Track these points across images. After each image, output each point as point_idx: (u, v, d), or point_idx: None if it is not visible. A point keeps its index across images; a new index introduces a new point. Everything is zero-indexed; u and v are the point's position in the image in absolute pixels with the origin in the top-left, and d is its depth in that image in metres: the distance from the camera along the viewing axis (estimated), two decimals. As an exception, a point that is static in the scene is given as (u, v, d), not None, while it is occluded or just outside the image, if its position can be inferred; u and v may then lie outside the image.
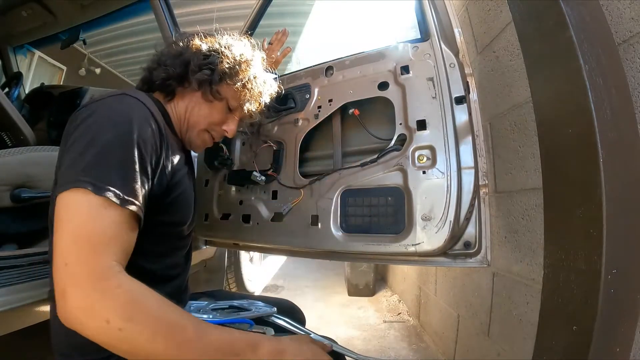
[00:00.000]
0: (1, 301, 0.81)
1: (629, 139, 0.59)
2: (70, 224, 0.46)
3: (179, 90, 0.76)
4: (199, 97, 0.75)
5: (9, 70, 2.18)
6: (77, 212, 0.47)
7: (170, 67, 0.73)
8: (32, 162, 1.05)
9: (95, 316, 0.41)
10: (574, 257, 0.58)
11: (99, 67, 4.18)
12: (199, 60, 0.73)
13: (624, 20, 0.71)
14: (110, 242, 0.47)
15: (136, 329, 0.42)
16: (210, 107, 0.77)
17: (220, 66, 0.73)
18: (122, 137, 0.53)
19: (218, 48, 0.76)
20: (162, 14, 1.50)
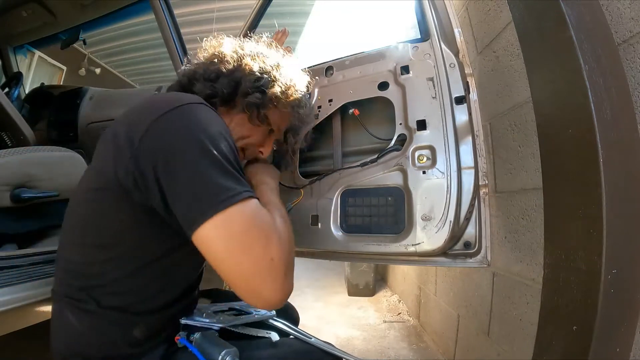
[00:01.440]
0: (1, 301, 0.81)
1: (629, 139, 0.59)
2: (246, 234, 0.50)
3: (221, 109, 0.72)
4: (244, 119, 0.72)
5: (9, 70, 2.18)
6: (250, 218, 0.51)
7: (219, 85, 0.70)
8: (32, 162, 1.05)
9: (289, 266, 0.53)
10: (574, 257, 0.58)
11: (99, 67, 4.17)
12: (250, 83, 0.70)
13: (624, 20, 0.71)
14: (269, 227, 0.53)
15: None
16: (253, 129, 0.74)
17: (271, 90, 0.71)
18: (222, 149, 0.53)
19: (270, 70, 0.73)
20: (162, 14, 1.50)
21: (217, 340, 0.63)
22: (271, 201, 0.66)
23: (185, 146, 0.51)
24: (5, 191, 0.99)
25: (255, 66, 0.72)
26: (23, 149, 1.06)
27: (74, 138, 1.83)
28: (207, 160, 0.51)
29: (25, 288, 0.86)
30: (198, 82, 0.71)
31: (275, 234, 0.52)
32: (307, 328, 0.85)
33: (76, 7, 1.88)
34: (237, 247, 0.49)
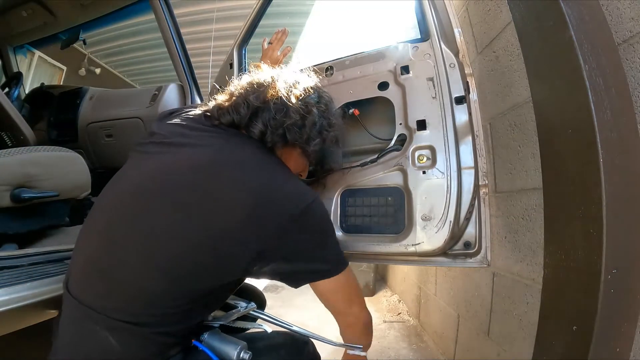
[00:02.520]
0: (1, 301, 0.81)
1: (629, 139, 0.59)
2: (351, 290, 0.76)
3: (278, 145, 0.75)
4: (297, 154, 0.79)
5: (9, 70, 2.18)
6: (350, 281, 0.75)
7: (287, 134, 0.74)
8: (32, 162, 1.05)
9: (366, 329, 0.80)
10: (574, 257, 0.58)
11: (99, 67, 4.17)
12: (314, 131, 0.77)
13: (624, 20, 0.71)
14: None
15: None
16: (299, 161, 0.81)
17: (330, 138, 0.80)
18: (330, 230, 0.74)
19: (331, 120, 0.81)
20: (162, 14, 1.50)
21: (224, 337, 0.66)
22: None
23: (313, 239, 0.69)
24: (5, 191, 0.99)
25: (315, 115, 0.77)
26: (23, 149, 1.06)
27: (74, 138, 1.83)
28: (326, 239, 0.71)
29: (25, 288, 0.86)
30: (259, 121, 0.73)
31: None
32: (307, 328, 0.85)
33: (76, 7, 1.88)
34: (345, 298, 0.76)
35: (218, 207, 0.60)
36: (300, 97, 0.77)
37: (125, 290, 0.60)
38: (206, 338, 0.65)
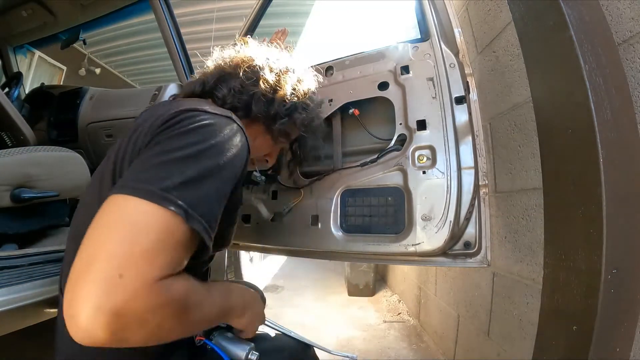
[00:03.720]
0: (1, 301, 0.81)
1: (629, 139, 0.59)
2: (134, 235, 0.39)
3: (244, 121, 0.70)
4: (261, 131, 0.74)
5: (9, 70, 2.18)
6: (156, 229, 0.41)
7: (252, 105, 0.70)
8: (32, 162, 1.05)
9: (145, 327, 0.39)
10: (574, 257, 0.58)
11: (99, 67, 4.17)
12: (282, 107, 0.72)
13: (624, 20, 0.71)
14: (177, 263, 0.43)
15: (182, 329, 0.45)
16: (265, 140, 0.76)
17: (300, 118, 0.74)
18: (227, 169, 0.50)
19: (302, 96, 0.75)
20: (162, 14, 1.50)
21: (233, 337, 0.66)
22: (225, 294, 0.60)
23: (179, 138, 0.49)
24: (5, 191, 0.99)
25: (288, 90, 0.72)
26: (23, 149, 1.06)
27: (74, 138, 1.83)
28: (184, 157, 0.46)
29: (25, 288, 0.86)
30: (223, 89, 0.69)
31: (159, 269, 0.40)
32: (307, 328, 0.86)
33: (76, 7, 1.88)
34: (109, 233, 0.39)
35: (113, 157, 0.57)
36: (275, 71, 0.73)
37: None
38: (217, 337, 0.65)
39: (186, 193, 0.44)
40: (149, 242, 0.40)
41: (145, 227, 0.40)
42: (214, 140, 0.50)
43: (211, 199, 0.47)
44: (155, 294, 0.39)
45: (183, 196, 0.43)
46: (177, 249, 0.43)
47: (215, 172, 0.48)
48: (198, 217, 0.44)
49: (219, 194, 0.49)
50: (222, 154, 0.50)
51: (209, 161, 0.48)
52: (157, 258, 0.40)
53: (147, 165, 0.46)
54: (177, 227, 0.42)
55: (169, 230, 0.41)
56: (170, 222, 0.42)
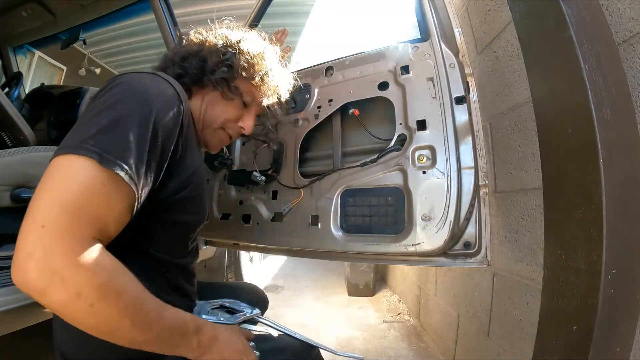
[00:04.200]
0: (1, 301, 0.81)
1: (629, 139, 0.59)
2: (62, 189, 0.43)
3: (194, 90, 0.73)
4: (216, 95, 0.73)
5: (9, 70, 2.18)
6: (74, 179, 0.43)
7: (187, 66, 0.71)
8: (32, 162, 1.05)
9: (65, 287, 0.39)
10: (574, 257, 0.58)
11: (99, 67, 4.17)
12: (216, 58, 0.71)
13: (624, 20, 0.71)
14: (102, 217, 0.44)
15: (107, 306, 0.42)
16: (226, 104, 0.74)
17: (237, 62, 0.72)
18: (143, 113, 0.50)
19: (233, 43, 0.74)
20: (162, 14, 1.50)
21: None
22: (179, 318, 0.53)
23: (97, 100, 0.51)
24: (5, 191, 0.99)
25: (219, 42, 0.73)
26: (23, 149, 1.06)
27: (74, 138, 1.83)
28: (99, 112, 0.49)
29: (25, 288, 0.86)
30: (169, 68, 0.72)
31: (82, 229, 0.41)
32: (307, 328, 0.86)
33: (76, 7, 1.88)
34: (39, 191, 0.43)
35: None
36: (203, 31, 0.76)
37: None
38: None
39: (100, 139, 0.46)
40: (70, 193, 0.42)
41: (68, 178, 0.43)
42: (130, 90, 0.52)
43: (128, 142, 0.47)
44: (74, 250, 0.40)
45: (97, 142, 0.45)
46: (100, 198, 0.44)
47: (131, 117, 0.49)
48: (113, 159, 0.45)
49: (138, 138, 0.48)
50: (138, 101, 0.51)
51: (123, 107, 0.49)
52: (78, 210, 0.42)
53: (74, 128, 0.49)
54: (94, 173, 0.44)
55: (87, 178, 0.43)
56: (86, 168, 0.44)
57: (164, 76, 0.60)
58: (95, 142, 0.45)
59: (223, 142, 0.79)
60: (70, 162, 0.44)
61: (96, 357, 0.58)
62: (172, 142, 0.56)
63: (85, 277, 0.40)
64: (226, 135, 0.78)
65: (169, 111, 0.55)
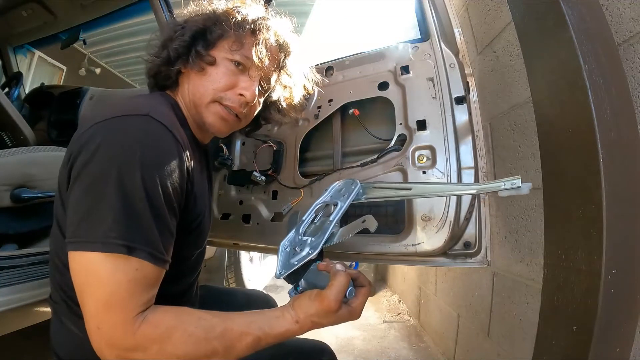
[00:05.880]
0: (1, 301, 0.81)
1: (629, 139, 0.59)
2: (98, 289, 0.46)
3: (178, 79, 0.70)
4: (193, 73, 0.67)
5: (9, 70, 2.18)
6: (109, 280, 0.46)
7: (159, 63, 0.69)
8: (32, 162, 1.05)
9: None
10: (574, 257, 0.58)
11: (99, 67, 4.17)
12: (175, 35, 0.67)
13: (624, 20, 0.71)
14: (144, 294, 0.49)
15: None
16: (209, 74, 0.65)
17: (194, 26, 0.66)
18: (149, 182, 0.48)
19: (192, 15, 0.69)
20: (162, 14, 1.50)
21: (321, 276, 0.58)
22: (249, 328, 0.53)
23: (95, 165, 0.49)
24: (5, 191, 0.99)
25: (177, 24, 0.69)
26: (23, 149, 1.06)
27: (74, 138, 1.83)
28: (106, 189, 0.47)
29: (25, 288, 0.86)
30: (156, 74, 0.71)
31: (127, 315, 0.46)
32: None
33: (76, 7, 1.88)
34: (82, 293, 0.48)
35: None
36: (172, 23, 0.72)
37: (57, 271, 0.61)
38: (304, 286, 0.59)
39: (121, 228, 0.46)
40: (110, 292, 0.46)
41: (102, 278, 0.46)
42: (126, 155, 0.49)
43: (147, 221, 0.48)
44: (129, 332, 0.46)
45: (120, 234, 0.46)
46: (136, 285, 0.47)
47: (140, 191, 0.48)
48: (140, 247, 0.47)
49: (154, 211, 0.49)
50: (139, 167, 0.48)
51: (128, 181, 0.48)
52: (119, 303, 0.46)
53: (79, 211, 0.48)
54: (126, 265, 0.47)
55: (121, 273, 0.46)
56: (119, 264, 0.46)
57: (157, 115, 0.54)
58: (118, 234, 0.46)
59: (222, 116, 0.67)
60: (98, 261, 0.46)
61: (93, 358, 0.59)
62: (183, 191, 0.56)
63: (142, 356, 0.47)
64: (222, 108, 0.67)
65: (172, 165, 0.53)
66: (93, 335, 0.46)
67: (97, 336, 0.46)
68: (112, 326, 0.46)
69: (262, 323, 0.53)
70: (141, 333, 0.46)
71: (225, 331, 0.50)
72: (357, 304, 0.56)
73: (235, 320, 0.52)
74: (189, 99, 0.68)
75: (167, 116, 0.58)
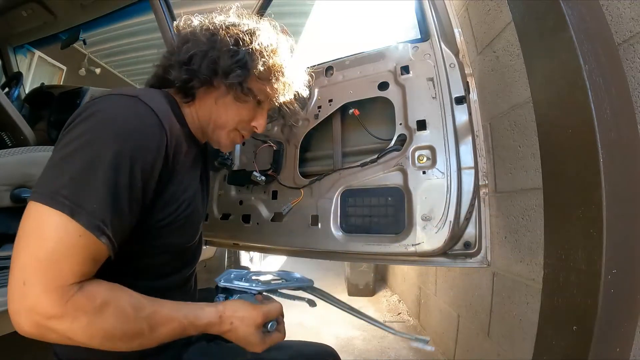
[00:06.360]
0: (1, 301, 0.81)
1: (629, 139, 0.59)
2: (38, 245, 0.45)
3: (201, 91, 0.68)
4: (229, 98, 0.68)
5: (9, 70, 2.18)
6: (49, 235, 0.45)
7: (195, 67, 0.65)
8: (32, 162, 1.05)
9: (56, 334, 0.44)
10: (574, 257, 0.58)
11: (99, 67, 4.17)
12: (228, 60, 0.65)
13: (624, 20, 0.71)
14: (80, 265, 0.46)
15: (98, 343, 0.47)
16: (240, 106, 0.69)
17: (251, 62, 0.66)
18: (118, 154, 0.48)
19: (246, 41, 0.67)
20: (162, 14, 1.50)
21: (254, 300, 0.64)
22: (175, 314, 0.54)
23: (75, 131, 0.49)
24: (5, 191, 0.99)
25: (230, 40, 0.66)
26: (23, 149, 1.06)
27: (74, 138, 1.83)
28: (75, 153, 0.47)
29: (25, 288, 0.86)
30: (173, 69, 0.66)
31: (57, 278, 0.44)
32: (307, 328, 0.86)
33: (76, 7, 1.88)
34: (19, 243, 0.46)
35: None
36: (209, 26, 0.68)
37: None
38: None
39: (72, 189, 0.46)
40: (47, 250, 0.44)
41: (43, 233, 0.45)
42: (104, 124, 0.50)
43: (101, 194, 0.47)
44: (55, 302, 0.43)
45: (70, 193, 0.45)
46: (77, 252, 0.45)
47: (105, 160, 0.47)
48: (86, 215, 0.45)
49: (114, 186, 0.48)
50: (113, 139, 0.49)
51: (97, 148, 0.48)
52: (54, 264, 0.44)
53: (46, 167, 0.49)
54: (68, 227, 0.45)
55: (62, 233, 0.45)
56: (60, 223, 0.45)
57: (146, 99, 0.55)
58: (68, 193, 0.45)
59: (236, 142, 0.76)
60: (43, 215, 0.45)
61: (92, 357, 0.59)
62: (154, 177, 0.54)
63: (67, 326, 0.44)
64: (239, 136, 0.75)
65: (149, 146, 0.53)
66: (15, 293, 0.43)
67: (18, 296, 0.42)
68: (42, 288, 0.42)
69: (188, 312, 0.55)
70: (73, 302, 0.44)
71: (154, 313, 0.51)
72: (270, 338, 0.62)
73: (164, 305, 0.53)
74: (209, 118, 0.70)
75: (158, 103, 0.58)
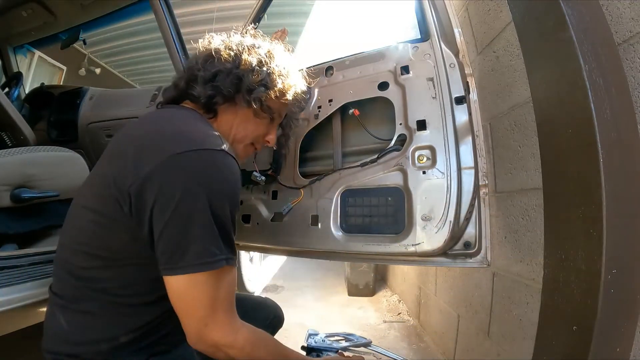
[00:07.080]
0: (1, 301, 0.81)
1: (629, 139, 0.59)
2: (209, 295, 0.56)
3: (222, 107, 0.73)
4: (249, 113, 0.74)
5: (9, 70, 2.18)
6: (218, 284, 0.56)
7: (220, 85, 0.70)
8: (32, 162, 1.05)
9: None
10: (574, 257, 0.58)
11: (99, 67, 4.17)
12: (253, 78, 0.71)
13: (624, 20, 0.71)
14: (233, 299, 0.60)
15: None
16: (258, 122, 0.76)
17: (272, 82, 0.72)
18: (233, 208, 0.61)
19: (267, 62, 0.73)
20: (162, 14, 1.50)
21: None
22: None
23: (187, 196, 0.55)
24: (5, 191, 0.99)
25: (253, 60, 0.72)
26: (23, 149, 1.06)
27: (74, 138, 1.83)
28: (201, 218, 0.55)
29: (25, 288, 0.86)
30: (197, 84, 0.71)
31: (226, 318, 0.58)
32: (307, 328, 0.86)
33: (76, 7, 1.88)
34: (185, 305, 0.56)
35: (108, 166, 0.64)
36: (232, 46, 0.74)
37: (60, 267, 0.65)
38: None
39: (222, 245, 0.57)
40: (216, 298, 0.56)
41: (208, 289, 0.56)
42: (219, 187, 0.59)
43: (232, 234, 0.60)
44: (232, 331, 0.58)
45: (223, 250, 0.57)
46: (233, 289, 0.60)
47: (229, 213, 0.60)
48: (233, 256, 0.59)
49: (233, 225, 0.61)
50: (226, 197, 0.60)
51: (223, 209, 0.58)
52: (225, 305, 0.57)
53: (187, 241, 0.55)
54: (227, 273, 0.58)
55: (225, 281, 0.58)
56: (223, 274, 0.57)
57: (228, 149, 0.64)
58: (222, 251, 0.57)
59: (249, 154, 0.83)
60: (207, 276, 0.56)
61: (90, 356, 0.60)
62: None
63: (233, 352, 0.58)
64: (253, 148, 0.82)
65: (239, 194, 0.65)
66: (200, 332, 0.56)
67: (203, 333, 0.55)
68: (220, 324, 0.56)
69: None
70: (242, 333, 0.58)
71: (288, 356, 0.66)
72: None
73: (294, 352, 0.68)
74: (228, 132, 0.75)
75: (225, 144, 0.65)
